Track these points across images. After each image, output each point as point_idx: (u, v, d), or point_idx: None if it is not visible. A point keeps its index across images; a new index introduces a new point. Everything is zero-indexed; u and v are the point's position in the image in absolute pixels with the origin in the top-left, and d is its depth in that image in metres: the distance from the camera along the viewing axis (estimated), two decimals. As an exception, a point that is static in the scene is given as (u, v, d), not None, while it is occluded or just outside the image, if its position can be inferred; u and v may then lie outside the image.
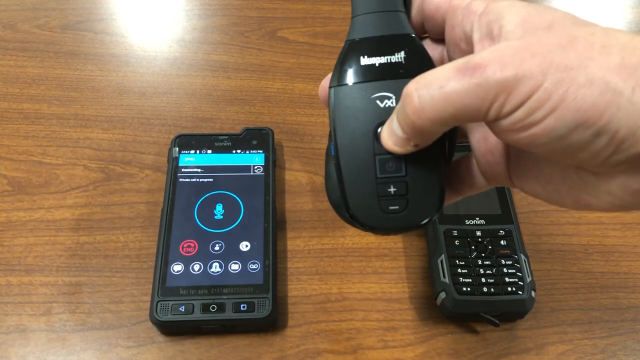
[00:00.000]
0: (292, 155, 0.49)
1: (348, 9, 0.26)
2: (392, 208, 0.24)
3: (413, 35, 0.25)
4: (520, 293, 0.38)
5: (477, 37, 0.22)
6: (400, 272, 0.43)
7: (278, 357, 0.38)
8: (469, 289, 0.38)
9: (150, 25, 0.60)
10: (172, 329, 0.39)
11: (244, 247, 0.41)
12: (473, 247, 0.40)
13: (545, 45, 0.19)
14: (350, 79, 0.24)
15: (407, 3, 0.26)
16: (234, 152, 0.46)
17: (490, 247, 0.40)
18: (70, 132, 0.49)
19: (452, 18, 0.24)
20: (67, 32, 0.58)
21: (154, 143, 0.49)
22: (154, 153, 0.48)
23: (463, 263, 0.39)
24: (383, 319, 0.41)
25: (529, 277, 0.39)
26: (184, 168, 0.45)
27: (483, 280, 0.39)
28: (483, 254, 0.40)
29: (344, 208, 0.25)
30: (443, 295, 0.39)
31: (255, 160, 0.46)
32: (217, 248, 0.41)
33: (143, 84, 0.54)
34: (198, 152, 0.46)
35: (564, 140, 0.19)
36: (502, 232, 0.41)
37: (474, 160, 0.26)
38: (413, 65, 0.24)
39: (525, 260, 0.40)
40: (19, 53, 0.56)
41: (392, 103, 0.24)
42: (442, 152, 0.24)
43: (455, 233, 0.41)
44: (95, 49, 0.57)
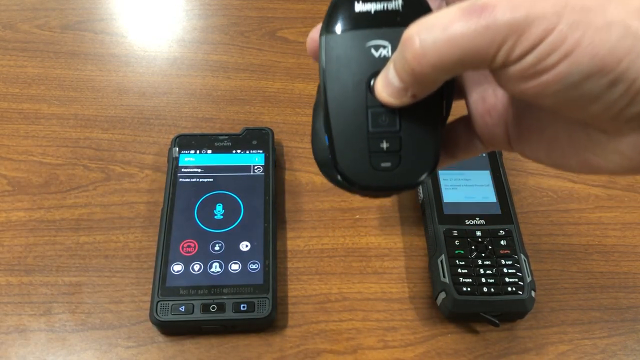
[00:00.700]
0: (292, 155, 0.49)
1: None
2: (383, 165, 0.23)
3: None
4: (520, 293, 0.38)
5: None
6: (400, 272, 0.43)
7: (278, 357, 0.38)
8: (469, 289, 0.38)
9: (150, 25, 0.60)
10: (172, 329, 0.39)
11: (244, 247, 0.41)
12: (473, 247, 0.40)
13: None
14: (343, 27, 0.23)
15: None
16: (234, 152, 0.46)
17: (490, 247, 0.40)
18: (70, 132, 0.49)
19: None
20: (67, 32, 0.58)
21: (154, 143, 0.49)
22: (154, 153, 0.48)
23: (463, 263, 0.39)
24: (383, 319, 0.41)
25: (529, 277, 0.39)
26: (184, 168, 0.45)
27: (483, 280, 0.39)
28: (483, 254, 0.40)
29: (332, 165, 0.23)
30: (443, 295, 0.39)
31: (255, 160, 0.46)
32: (217, 248, 0.41)
33: (143, 84, 0.54)
34: (198, 152, 0.46)
35: (577, 90, 0.17)
36: (502, 232, 0.41)
37: (471, 122, 0.24)
38: (411, 13, 0.22)
39: (525, 260, 0.40)
40: (19, 53, 0.56)
41: (387, 52, 0.22)
42: (439, 107, 0.23)
43: (455, 233, 0.41)
44: (95, 49, 0.57)
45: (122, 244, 0.43)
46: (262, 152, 0.46)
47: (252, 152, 0.46)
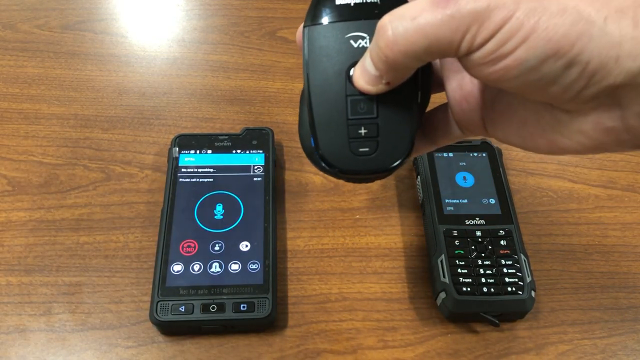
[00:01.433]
0: (292, 155, 0.49)
1: None
2: (362, 150, 0.24)
3: None
4: (520, 293, 0.38)
5: None
6: (400, 272, 0.43)
7: (278, 357, 0.38)
8: (469, 289, 0.38)
9: (150, 25, 0.60)
10: (172, 329, 0.39)
11: (244, 247, 0.41)
12: (473, 247, 0.40)
13: None
14: (325, 19, 0.24)
15: None
16: (234, 152, 0.46)
17: (490, 247, 0.40)
18: (70, 132, 0.49)
19: None
20: (67, 32, 0.58)
21: (154, 143, 0.49)
22: (154, 153, 0.48)
23: (463, 263, 0.39)
24: (383, 319, 0.41)
25: (529, 277, 0.39)
26: (184, 168, 0.45)
27: (483, 280, 0.39)
28: (483, 254, 0.40)
29: (315, 150, 0.24)
30: (443, 295, 0.39)
31: (255, 160, 0.46)
32: (217, 248, 0.41)
33: (143, 84, 0.54)
34: (198, 152, 0.46)
35: (536, 73, 0.19)
36: (502, 232, 0.41)
37: (449, 109, 0.26)
38: (388, 6, 0.23)
39: (525, 260, 0.40)
40: (19, 53, 0.56)
41: (365, 43, 0.24)
42: (414, 95, 0.24)
43: (455, 233, 0.41)
44: (95, 49, 0.57)
45: (122, 244, 0.43)
46: (262, 152, 0.46)
47: (252, 152, 0.46)
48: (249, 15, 0.61)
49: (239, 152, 0.46)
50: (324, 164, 0.25)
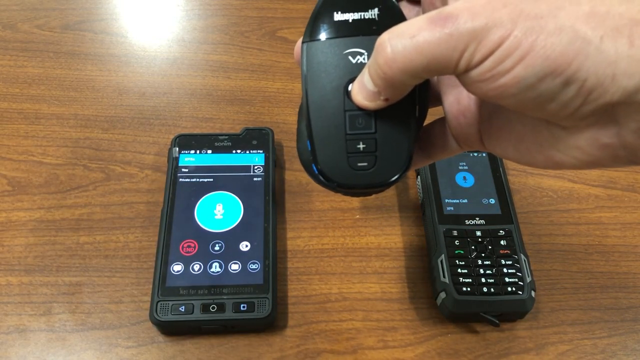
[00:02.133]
0: (292, 155, 0.49)
1: None
2: (360, 165, 0.24)
3: None
4: (520, 293, 0.38)
5: None
6: (400, 272, 0.43)
7: (278, 357, 0.38)
8: (469, 289, 0.38)
9: (150, 25, 0.60)
10: (172, 329, 0.39)
11: (244, 247, 0.41)
12: (473, 247, 0.40)
13: None
14: (323, 35, 0.24)
15: None
16: (234, 152, 0.46)
17: (490, 247, 0.40)
18: (70, 132, 0.49)
19: None
20: (67, 32, 0.58)
21: (154, 143, 0.49)
22: (154, 153, 0.48)
23: (463, 263, 0.39)
24: (383, 319, 0.41)
25: (529, 277, 0.39)
26: (184, 168, 0.45)
27: (483, 280, 0.39)
28: (483, 254, 0.40)
29: (313, 165, 0.25)
30: (443, 295, 0.39)
31: (255, 160, 0.46)
32: (217, 248, 0.41)
33: (143, 84, 0.54)
34: (198, 152, 0.46)
35: (533, 90, 0.19)
36: (502, 232, 0.41)
37: (447, 124, 0.26)
38: (386, 22, 0.24)
39: (525, 260, 0.40)
40: (19, 53, 0.56)
41: (364, 59, 0.24)
42: (412, 110, 0.24)
43: (455, 233, 0.41)
44: (95, 49, 0.57)
45: (122, 244, 0.43)
46: (262, 152, 0.46)
47: (252, 152, 0.46)
48: (249, 15, 0.61)
49: (239, 152, 0.46)
50: (323, 178, 0.25)
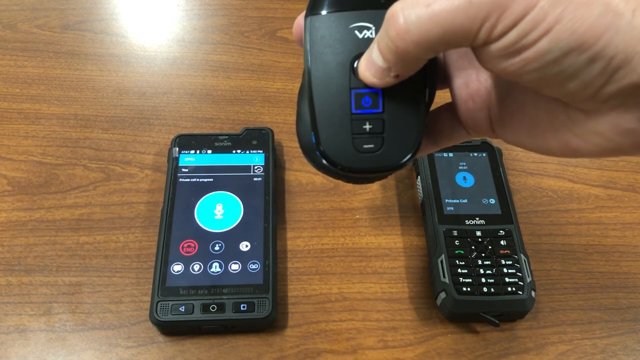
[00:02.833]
0: (292, 155, 0.49)
1: None
2: (366, 147, 0.22)
3: None
4: (520, 293, 0.38)
5: None
6: (400, 272, 0.43)
7: (278, 357, 0.38)
8: (469, 289, 0.38)
9: (150, 25, 0.60)
10: (172, 329, 0.39)
11: (244, 247, 0.41)
12: (473, 247, 0.40)
13: None
14: (327, 8, 0.23)
15: None
16: (234, 152, 0.46)
17: (490, 247, 0.40)
18: (70, 132, 0.49)
19: None
20: (67, 32, 0.58)
21: (154, 143, 0.49)
22: (154, 153, 0.48)
23: (463, 263, 0.39)
24: (383, 319, 0.41)
25: (529, 277, 0.39)
26: (184, 168, 0.45)
27: (483, 280, 0.39)
28: (483, 254, 0.40)
29: (315, 147, 0.23)
30: (443, 295, 0.39)
31: (255, 160, 0.46)
32: (217, 248, 0.41)
33: (143, 84, 0.54)
34: (198, 152, 0.46)
35: (556, 66, 0.18)
36: (502, 232, 0.41)
37: (455, 109, 0.24)
38: None
39: (525, 260, 0.40)
40: (19, 53, 0.56)
41: (371, 34, 0.22)
42: (422, 89, 0.23)
43: (455, 233, 0.41)
44: (95, 49, 0.57)
45: (122, 244, 0.43)
46: (262, 152, 0.46)
47: (252, 152, 0.46)
48: (249, 15, 0.61)
49: (239, 152, 0.46)
50: (326, 162, 0.23)
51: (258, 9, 0.62)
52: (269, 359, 0.38)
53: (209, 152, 0.46)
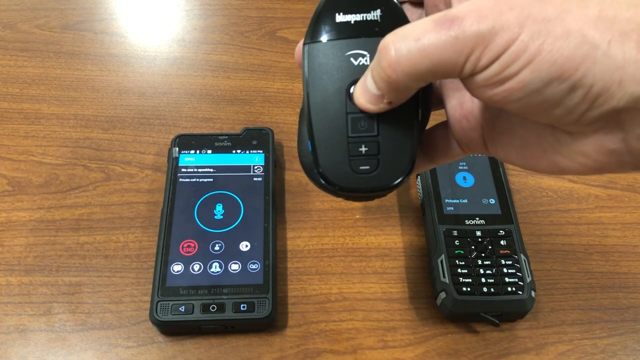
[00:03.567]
0: (292, 155, 0.49)
1: None
2: (362, 168, 0.24)
3: None
4: (520, 293, 0.38)
5: None
6: (400, 272, 0.43)
7: (278, 357, 0.38)
8: (469, 289, 0.38)
9: (150, 25, 0.60)
10: (172, 329, 0.39)
11: (244, 247, 0.41)
12: (473, 247, 0.40)
13: None
14: (325, 36, 0.24)
15: None
16: (234, 152, 0.46)
17: (490, 247, 0.40)
18: (70, 132, 0.49)
19: None
20: (67, 32, 0.58)
21: (154, 143, 0.49)
22: (154, 153, 0.48)
23: (463, 263, 0.39)
24: (383, 319, 0.41)
25: (529, 277, 0.39)
26: (184, 168, 0.45)
27: (483, 280, 0.39)
28: (483, 254, 0.40)
29: (315, 168, 0.24)
30: (443, 295, 0.39)
31: (255, 160, 0.46)
32: (217, 248, 0.41)
33: (143, 84, 0.54)
34: (198, 152, 0.46)
35: (539, 95, 0.19)
36: (502, 232, 0.41)
37: (449, 128, 0.26)
38: (389, 24, 0.23)
39: (525, 260, 0.40)
40: (19, 53, 0.56)
41: (366, 61, 0.23)
42: (415, 113, 0.24)
43: (455, 233, 0.41)
44: (95, 49, 0.57)
45: (122, 244, 0.43)
46: (262, 152, 0.46)
47: (252, 152, 0.46)
48: (249, 15, 0.61)
49: (239, 152, 0.46)
50: (324, 182, 0.24)
51: (258, 9, 0.62)
52: (269, 359, 0.38)
53: (209, 152, 0.46)
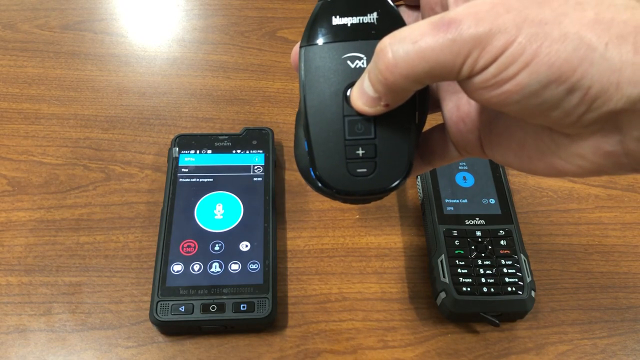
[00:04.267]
0: (292, 155, 0.49)
1: None
2: (359, 171, 0.24)
3: None
4: (520, 293, 0.38)
5: None
6: (400, 272, 0.43)
7: (278, 357, 0.38)
8: (469, 289, 0.38)
9: (150, 25, 0.60)
10: (172, 329, 0.39)
11: (244, 247, 0.41)
12: (473, 247, 0.40)
13: (521, 1, 0.19)
14: (321, 39, 0.24)
15: None
16: (234, 152, 0.46)
17: (490, 247, 0.40)
18: (70, 132, 0.49)
19: None
20: (67, 32, 0.58)
21: (154, 143, 0.49)
22: (154, 153, 0.48)
23: (463, 263, 0.39)
24: (383, 319, 0.41)
25: (529, 277, 0.39)
26: (184, 168, 0.45)
27: (483, 280, 0.39)
28: (483, 254, 0.40)
29: (311, 171, 0.24)
30: (443, 295, 0.39)
31: (255, 160, 0.46)
32: (217, 248, 0.41)
33: (143, 84, 0.54)
34: (198, 152, 0.46)
35: (537, 98, 0.19)
36: (502, 232, 0.41)
37: (446, 130, 0.26)
38: (385, 27, 0.23)
39: (525, 260, 0.40)
40: (19, 53, 0.56)
41: (362, 64, 0.23)
42: (412, 115, 0.24)
43: (455, 233, 0.41)
44: (95, 49, 0.57)
45: (122, 244, 0.43)
46: (262, 152, 0.46)
47: (252, 152, 0.46)
48: (249, 15, 0.61)
49: (239, 152, 0.46)
50: (321, 185, 0.24)
51: (258, 9, 0.62)
52: (269, 359, 0.38)
53: (209, 152, 0.46)
